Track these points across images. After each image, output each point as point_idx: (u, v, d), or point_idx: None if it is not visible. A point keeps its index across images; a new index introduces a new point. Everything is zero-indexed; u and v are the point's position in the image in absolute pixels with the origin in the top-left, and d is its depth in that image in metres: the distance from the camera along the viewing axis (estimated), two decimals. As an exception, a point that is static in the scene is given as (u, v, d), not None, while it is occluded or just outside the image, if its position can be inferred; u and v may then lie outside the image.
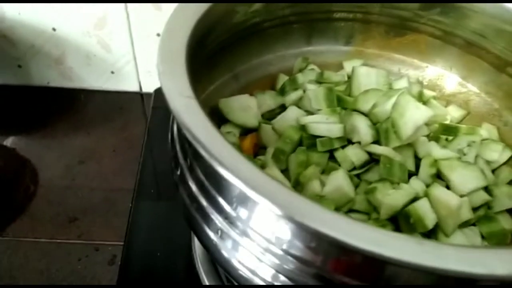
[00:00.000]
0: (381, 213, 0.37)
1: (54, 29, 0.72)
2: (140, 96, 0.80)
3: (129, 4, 0.68)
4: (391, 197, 0.37)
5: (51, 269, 0.57)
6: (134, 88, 0.79)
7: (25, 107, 0.76)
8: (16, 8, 0.67)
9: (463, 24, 0.48)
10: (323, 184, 0.40)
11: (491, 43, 0.47)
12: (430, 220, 0.37)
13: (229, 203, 0.30)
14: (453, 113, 0.51)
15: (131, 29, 0.72)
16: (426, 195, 0.39)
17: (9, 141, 0.70)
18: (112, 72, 0.77)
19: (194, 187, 0.32)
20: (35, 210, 0.62)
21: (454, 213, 0.38)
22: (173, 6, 0.38)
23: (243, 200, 0.29)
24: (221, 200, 0.30)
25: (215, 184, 0.31)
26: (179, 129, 0.36)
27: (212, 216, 0.31)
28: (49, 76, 0.78)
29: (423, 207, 0.37)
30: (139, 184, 0.59)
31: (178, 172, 0.34)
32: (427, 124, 0.44)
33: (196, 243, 0.50)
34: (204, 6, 0.38)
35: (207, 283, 0.46)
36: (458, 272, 0.21)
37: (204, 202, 0.31)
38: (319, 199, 0.38)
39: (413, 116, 0.38)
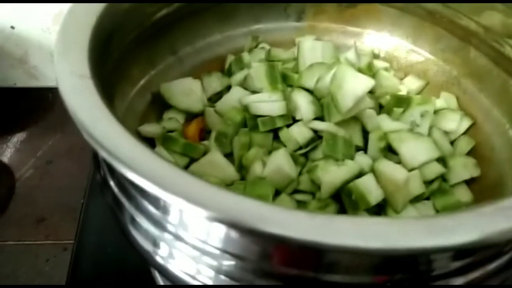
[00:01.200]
0: (321, 191, 0.35)
1: (12, 27, 0.70)
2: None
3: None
4: (331, 175, 0.35)
5: (18, 271, 0.55)
6: (102, 83, 0.78)
7: (-8, 109, 0.74)
8: (-32, 8, 0.66)
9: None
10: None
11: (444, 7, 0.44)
12: (373, 196, 0.34)
13: (153, 204, 0.28)
14: (410, 85, 0.48)
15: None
16: (372, 170, 0.37)
17: (-22, 144, 0.69)
18: (78, 68, 0.76)
19: (116, 189, 0.30)
20: (3, 213, 0.61)
21: (402, 188, 0.36)
22: None
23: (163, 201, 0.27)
24: (145, 203, 0.28)
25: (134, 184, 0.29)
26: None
27: (139, 221, 0.28)
28: (14, 77, 0.76)
29: (365, 183, 0.35)
30: (91, 183, 0.57)
31: (100, 174, 0.32)
32: (375, 94, 0.42)
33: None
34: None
35: (161, 282, 0.44)
36: (351, 247, 0.19)
37: (128, 207, 0.29)
38: (258, 181, 0.36)
39: (351, 87, 0.36)
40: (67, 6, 0.63)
